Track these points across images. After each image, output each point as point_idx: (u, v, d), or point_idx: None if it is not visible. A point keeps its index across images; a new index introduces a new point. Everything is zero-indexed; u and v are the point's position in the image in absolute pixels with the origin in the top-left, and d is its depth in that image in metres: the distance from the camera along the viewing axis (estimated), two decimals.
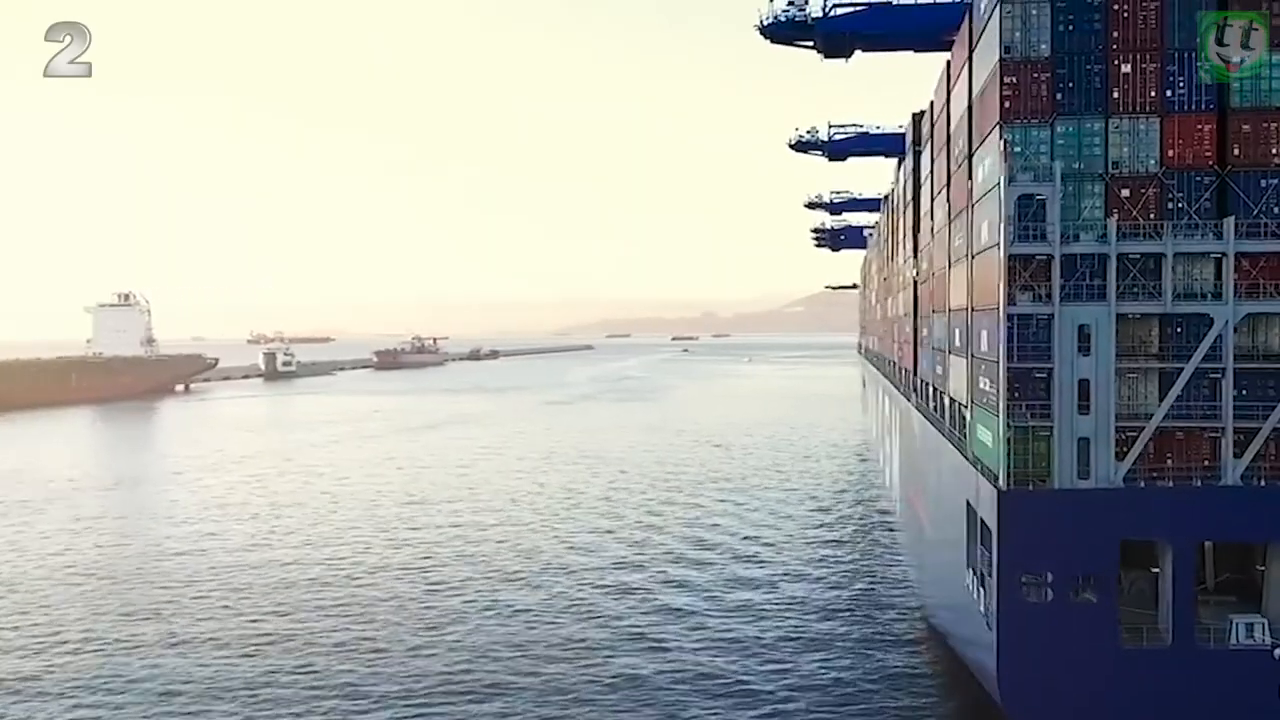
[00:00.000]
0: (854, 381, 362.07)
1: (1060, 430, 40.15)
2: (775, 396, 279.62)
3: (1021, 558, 40.26)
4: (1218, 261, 40.13)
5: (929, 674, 54.40)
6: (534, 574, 79.81)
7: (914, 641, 59.73)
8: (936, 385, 64.67)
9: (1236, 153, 40.24)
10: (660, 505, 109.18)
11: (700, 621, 67.46)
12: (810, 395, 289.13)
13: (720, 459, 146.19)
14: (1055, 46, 40.89)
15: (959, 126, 53.49)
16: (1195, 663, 39.31)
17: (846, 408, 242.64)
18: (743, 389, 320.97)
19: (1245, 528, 39.95)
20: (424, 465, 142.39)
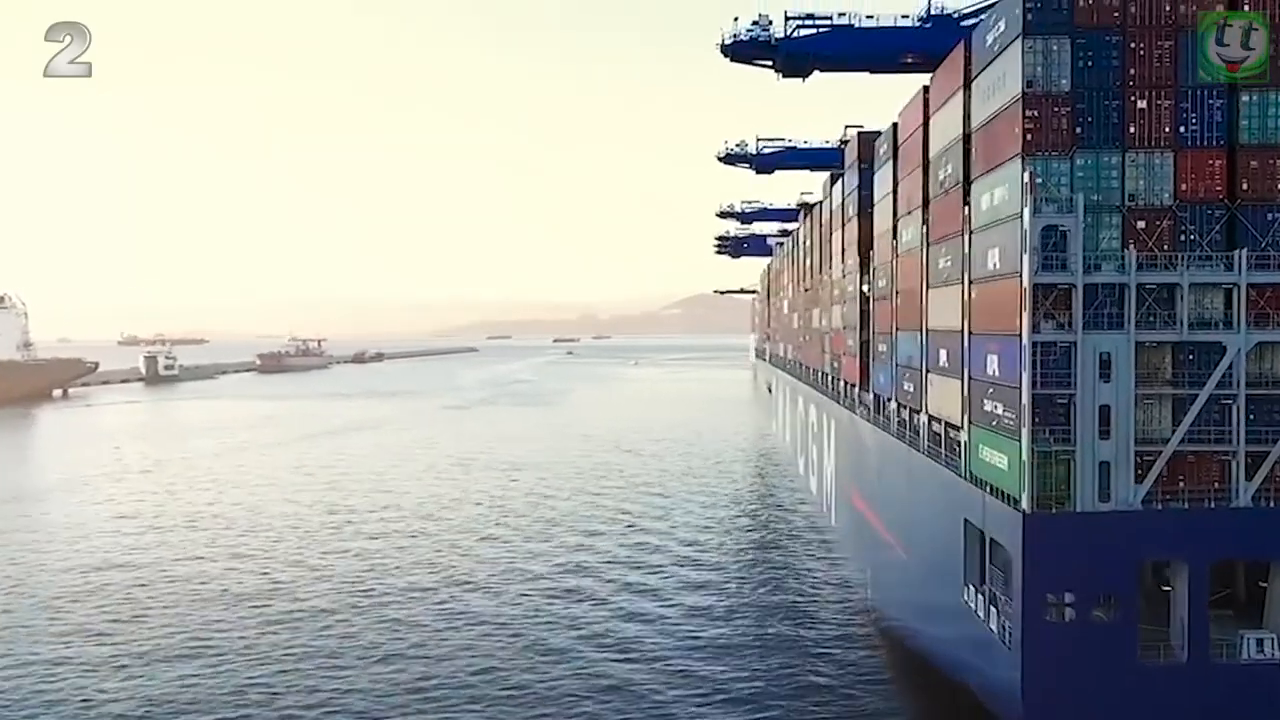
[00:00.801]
0: (745, 384, 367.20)
1: (1082, 454, 41.10)
2: (671, 400, 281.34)
3: (1046, 578, 41.09)
4: (1228, 291, 41.54)
5: (885, 670, 59.40)
6: (473, 584, 79.74)
7: (867, 639, 64.14)
8: (905, 402, 65.58)
9: (1245, 187, 41.73)
10: (588, 512, 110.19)
11: (653, 627, 69.76)
12: (705, 399, 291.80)
13: (637, 465, 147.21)
14: (1075, 81, 41.82)
15: (947, 152, 54.30)
16: (1210, 678, 40.64)
17: (743, 412, 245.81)
18: (637, 393, 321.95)
19: (1257, 547, 41.46)
20: (338, 474, 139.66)
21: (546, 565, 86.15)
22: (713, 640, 66.37)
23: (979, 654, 46.37)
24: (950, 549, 51.46)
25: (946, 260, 54.62)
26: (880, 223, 74.48)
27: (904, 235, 65.95)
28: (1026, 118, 41.89)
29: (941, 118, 55.90)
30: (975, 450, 48.94)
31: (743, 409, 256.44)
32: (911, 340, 63.09)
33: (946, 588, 51.72)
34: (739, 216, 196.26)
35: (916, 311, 61.57)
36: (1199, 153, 41.85)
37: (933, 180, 58.06)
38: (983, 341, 47.45)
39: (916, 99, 62.70)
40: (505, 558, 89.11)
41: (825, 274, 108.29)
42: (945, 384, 55.06)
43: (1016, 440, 42.43)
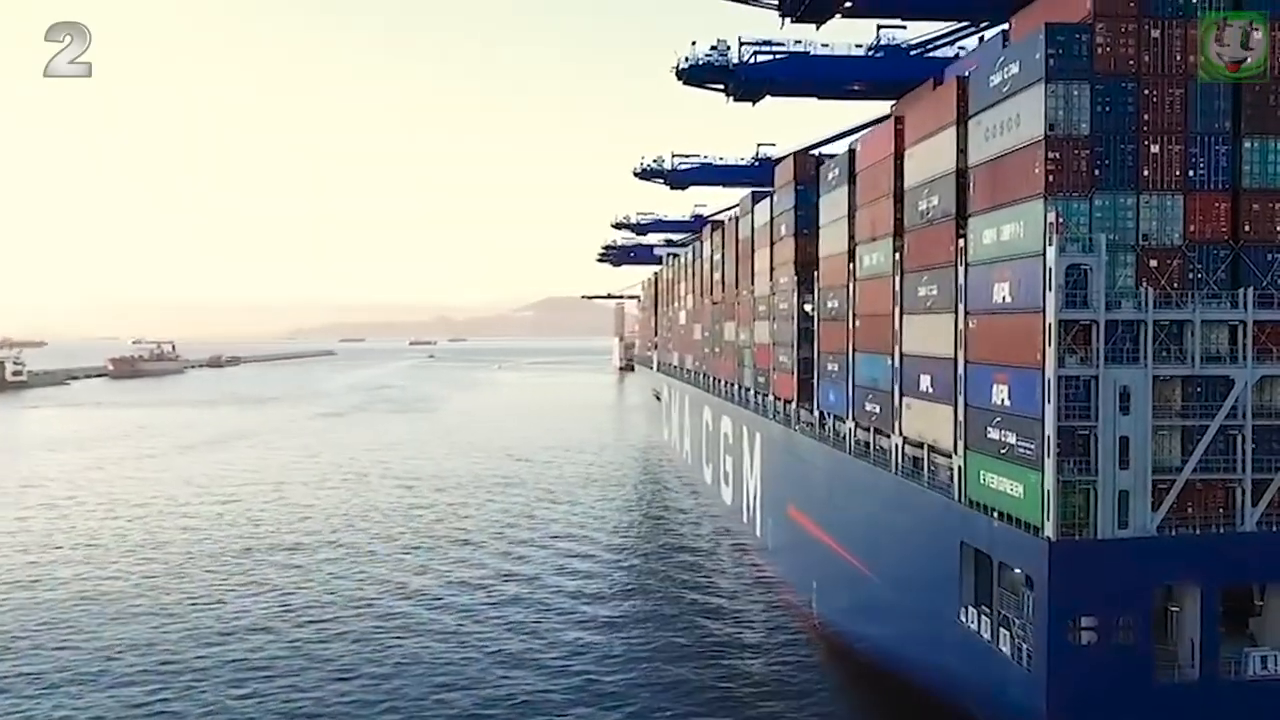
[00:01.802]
0: (613, 389, 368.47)
1: (1103, 484, 42.44)
2: (548, 406, 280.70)
3: (1070, 603, 42.33)
4: (1233, 328, 43.47)
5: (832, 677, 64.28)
6: (401, 602, 79.07)
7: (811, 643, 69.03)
8: (867, 423, 66.67)
9: (1248, 229, 43.77)
10: (502, 527, 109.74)
11: (605, 634, 71.91)
12: (580, 404, 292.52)
13: (536, 474, 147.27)
14: (1094, 126, 43.17)
15: (932, 184, 55.37)
16: (1220, 695, 42.54)
17: (623, 417, 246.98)
18: (512, 398, 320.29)
19: (1263, 570, 43.51)
20: (232, 489, 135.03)
21: (475, 580, 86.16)
22: (656, 643, 70.12)
23: (987, 675, 47.40)
24: (941, 570, 52.51)
25: (930, 289, 55.69)
26: (830, 246, 75.48)
27: (866, 260, 66.98)
28: (1049, 159, 43.03)
29: (923, 150, 56.96)
30: (975, 475, 50.04)
31: (622, 414, 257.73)
32: (879, 363, 64.12)
33: (936, 608, 52.75)
34: (633, 227, 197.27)
35: (886, 336, 62.60)
36: (1206, 195, 43.72)
37: (909, 210, 59.09)
38: (987, 371, 48.51)
39: (884, 129, 63.79)
40: (428, 574, 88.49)
41: (745, 289, 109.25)
42: (929, 409, 56.13)
43: (1037, 470, 43.56)
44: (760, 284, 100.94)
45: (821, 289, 77.91)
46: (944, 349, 53.94)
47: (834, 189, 74.69)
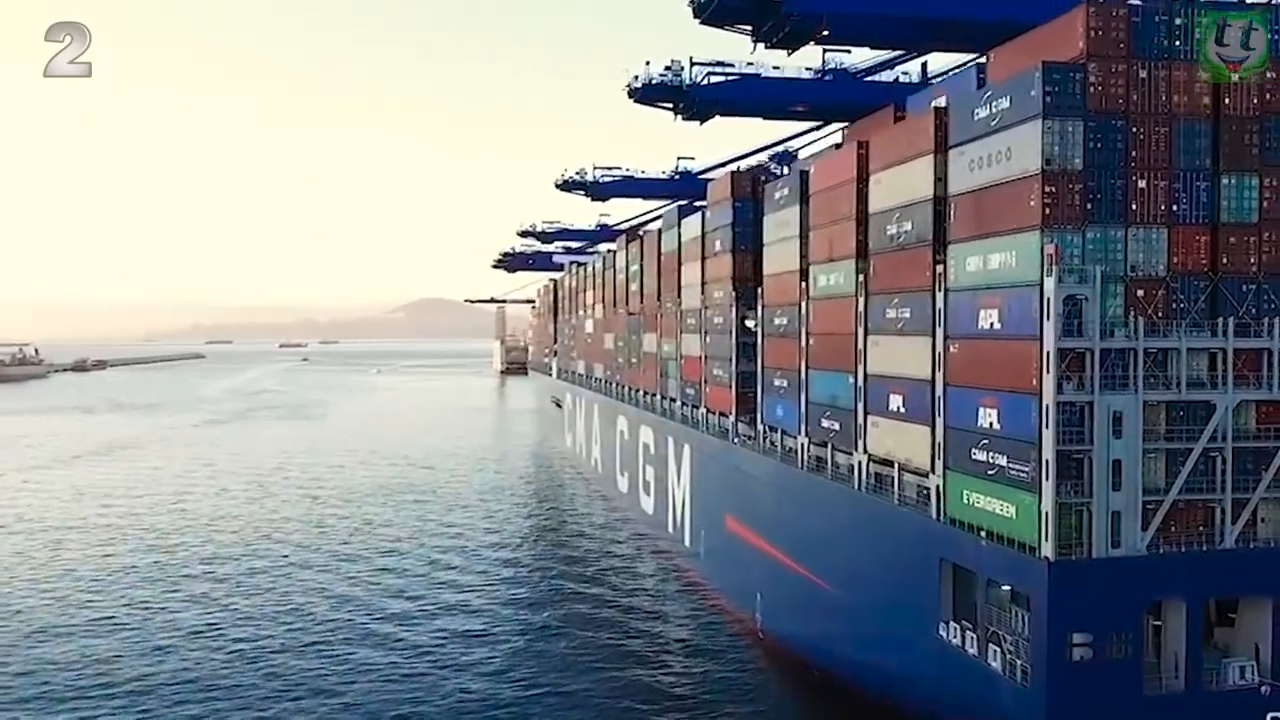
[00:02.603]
0: (497, 393, 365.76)
1: (1097, 505, 43.86)
2: (437, 411, 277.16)
3: (1068, 620, 43.61)
4: (1212, 355, 45.34)
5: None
6: (327, 614, 78.93)
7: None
8: (824, 439, 67.53)
9: (1225, 261, 45.74)
10: (422, 538, 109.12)
11: (546, 641, 73.88)
12: (469, 409, 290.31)
13: (442, 483, 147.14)
14: (1086, 161, 44.57)
15: (904, 210, 56.38)
16: (1205, 704, 44.42)
17: (516, 422, 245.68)
18: (398, 403, 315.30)
19: (1242, 584, 45.49)
20: (132, 500, 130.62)
21: (403, 595, 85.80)
22: (610, 643, 73.52)
23: (975, 687, 48.47)
24: (919, 585, 53.54)
25: (902, 312, 56.71)
26: (777, 264, 76.27)
27: (822, 280, 67.86)
28: (1046, 193, 44.24)
29: (893, 177, 57.94)
30: (956, 495, 51.15)
31: (515, 419, 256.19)
32: (839, 381, 64.98)
33: (913, 622, 53.71)
34: (539, 235, 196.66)
35: (848, 354, 63.52)
36: (1188, 229, 45.54)
37: (876, 234, 60.08)
38: (972, 394, 49.61)
39: (844, 154, 64.73)
40: (350, 587, 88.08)
41: (669, 301, 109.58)
42: (900, 428, 57.12)
43: (1032, 491, 44.77)
44: (689, 297, 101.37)
45: (767, 306, 78.59)
46: (918, 370, 54.95)
47: (782, 208, 75.47)
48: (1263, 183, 45.97)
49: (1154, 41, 45.25)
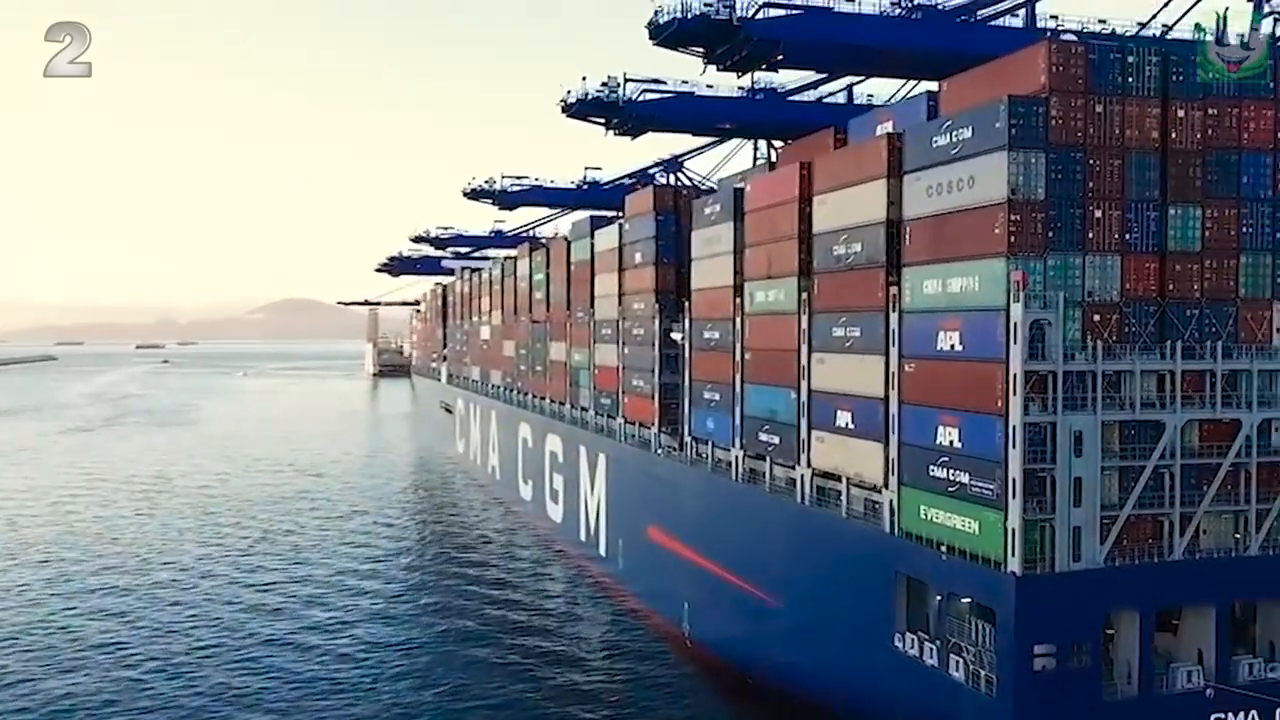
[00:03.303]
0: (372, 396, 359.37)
1: (1060, 521, 45.44)
2: (313, 416, 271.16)
3: (1034, 632, 45.10)
4: (1160, 376, 47.40)
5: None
6: (230, 628, 78.18)
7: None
8: (761, 452, 68.30)
9: (1172, 287, 47.89)
10: (328, 549, 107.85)
11: (467, 647, 74.82)
12: (346, 413, 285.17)
13: (335, 492, 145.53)
14: (1048, 191, 46.15)
15: (853, 232, 57.44)
16: (1157, 708, 46.48)
17: (393, 427, 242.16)
18: (272, 408, 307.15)
19: (1189, 593, 47.63)
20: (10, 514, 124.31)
21: (316, 608, 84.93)
22: (537, 647, 75.27)
23: (935, 697, 49.67)
24: (874, 598, 54.63)
25: (851, 330, 57.77)
26: (707, 279, 76.88)
27: (759, 297, 68.65)
28: (1011, 221, 45.64)
29: (840, 199, 58.94)
30: (912, 509, 52.35)
31: (395, 424, 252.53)
32: (779, 396, 65.81)
33: (867, 633, 54.75)
34: (433, 241, 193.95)
35: (789, 370, 64.40)
36: (1139, 257, 47.56)
37: (820, 254, 61.05)
38: (930, 413, 50.83)
39: (785, 174, 65.47)
40: (274, 600, 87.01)
41: (580, 311, 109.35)
42: (849, 443, 58.14)
43: (996, 508, 46.14)
44: (604, 308, 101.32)
45: (696, 320, 79.05)
46: (869, 388, 56.03)
47: (713, 224, 76.05)
48: (1205, 214, 48.27)
49: (1109, 78, 47.11)
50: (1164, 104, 47.77)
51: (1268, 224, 49.05)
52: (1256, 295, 49.07)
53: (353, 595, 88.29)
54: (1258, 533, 48.32)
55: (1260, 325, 48.99)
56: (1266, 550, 48.45)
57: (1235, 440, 47.60)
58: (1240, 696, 46.99)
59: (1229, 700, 46.96)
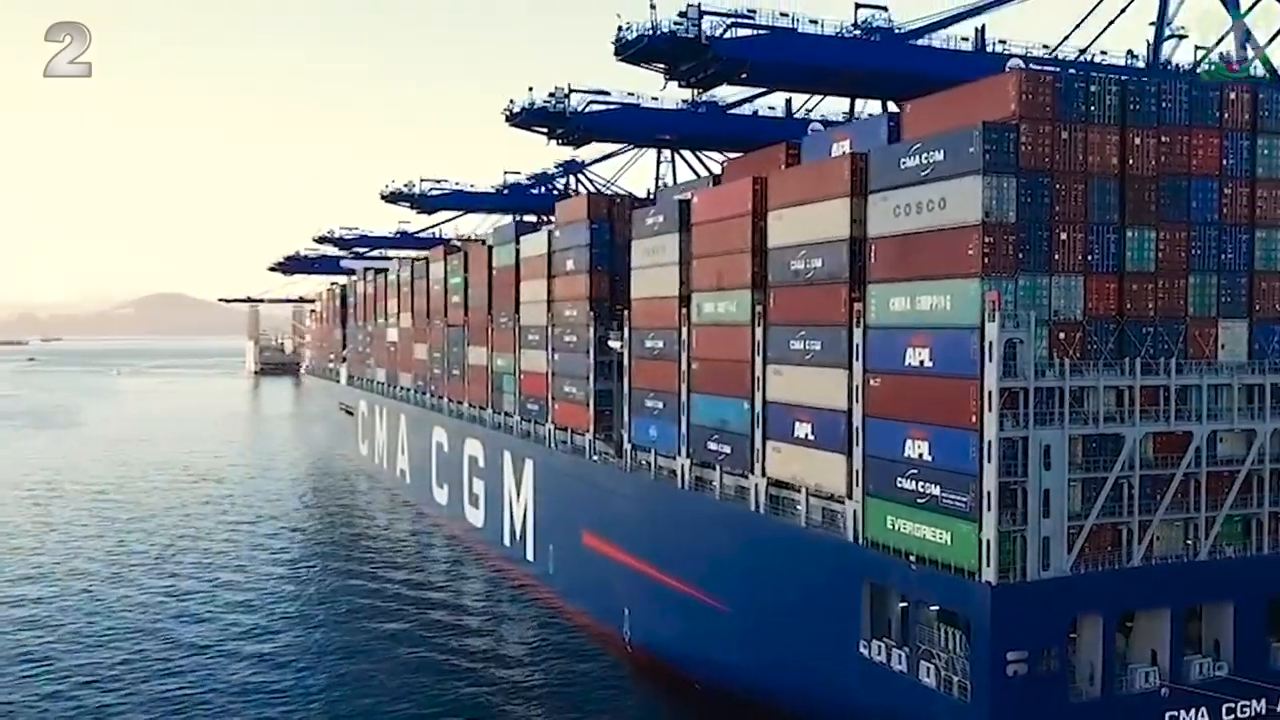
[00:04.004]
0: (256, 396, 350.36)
1: (1031, 532, 46.91)
2: (205, 417, 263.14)
3: (1008, 639, 46.48)
4: (1119, 391, 49.26)
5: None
6: (138, 643, 76.33)
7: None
8: (710, 461, 68.82)
9: (1130, 306, 49.81)
10: (243, 551, 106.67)
11: (403, 648, 75.27)
12: (241, 415, 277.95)
13: (240, 496, 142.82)
14: (1019, 214, 47.54)
15: (814, 248, 58.26)
16: (1119, 707, 48.39)
17: (293, 428, 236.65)
18: (156, 408, 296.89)
19: (1148, 598, 49.60)
20: None
21: (232, 620, 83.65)
22: (475, 649, 76.52)
23: (906, 702, 50.82)
24: (838, 606, 55.59)
25: (811, 344, 58.62)
26: (649, 289, 77.09)
27: (708, 308, 69.14)
28: (985, 243, 46.88)
29: (800, 215, 59.69)
30: (879, 520, 53.40)
31: (289, 424, 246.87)
32: (730, 406, 66.40)
33: (832, 641, 55.65)
34: (337, 241, 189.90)
35: (740, 381, 65.05)
36: (1100, 277, 49.33)
37: (776, 267, 61.78)
38: (897, 427, 51.91)
39: (739, 188, 65.91)
40: (196, 607, 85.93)
41: (503, 316, 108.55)
42: (808, 454, 58.97)
43: (969, 520, 47.41)
44: (530, 314, 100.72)
45: (636, 329, 79.15)
46: (831, 401, 56.95)
47: (656, 235, 76.19)
48: (1158, 236, 50.30)
49: (1074, 106, 48.75)
50: (1123, 132, 49.60)
51: (1214, 246, 51.38)
52: (1204, 314, 51.36)
53: (277, 601, 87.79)
54: (1206, 538, 50.53)
55: (1207, 342, 51.28)
56: (1214, 555, 50.72)
57: (1187, 451, 49.70)
58: (1193, 695, 49.17)
59: (1183, 699, 49.11)
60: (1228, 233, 51.64)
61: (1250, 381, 51.14)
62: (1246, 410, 50.97)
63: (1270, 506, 51.81)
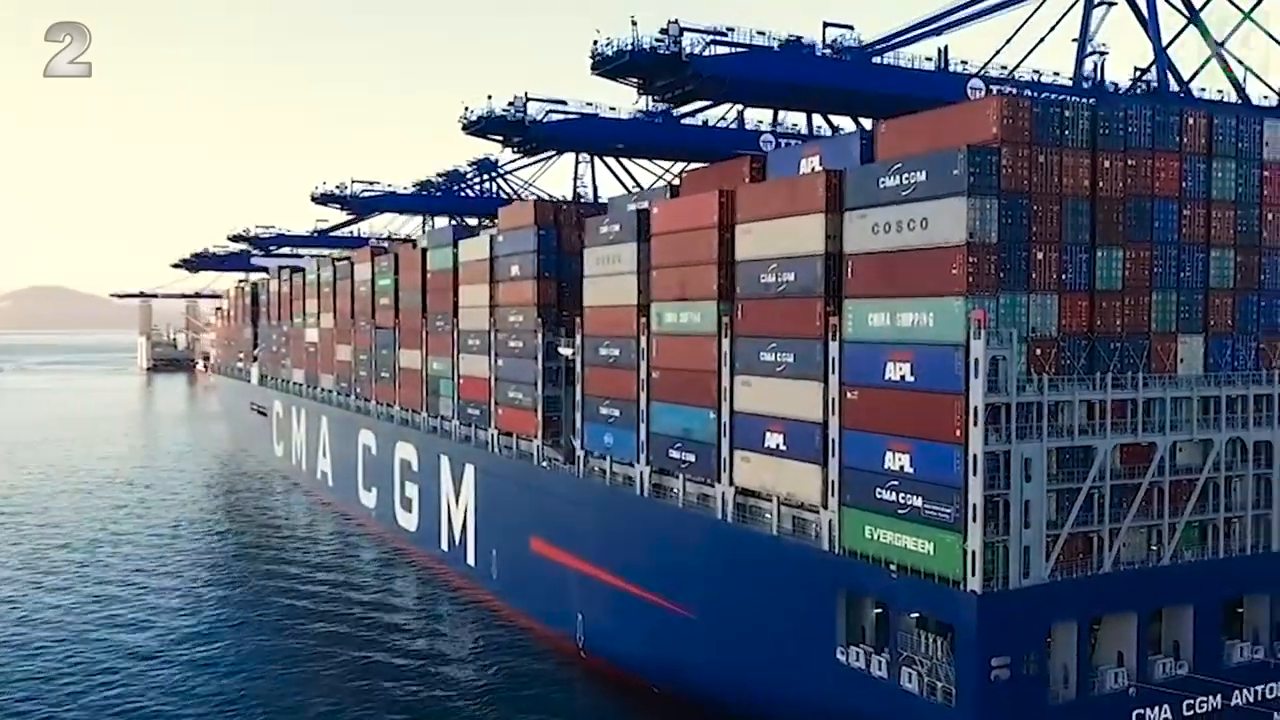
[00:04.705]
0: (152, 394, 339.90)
1: (1013, 542, 48.22)
2: (99, 416, 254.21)
3: (993, 645, 47.74)
4: (1090, 405, 50.87)
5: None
6: (52, 655, 74.82)
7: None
8: (672, 469, 69.15)
9: (1099, 323, 51.47)
10: (170, 560, 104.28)
11: (350, 648, 75.32)
12: (135, 413, 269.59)
13: (161, 501, 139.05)
14: (1000, 235, 48.74)
15: (786, 262, 58.87)
16: (1091, 707, 50.12)
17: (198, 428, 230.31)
18: (49, 408, 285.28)
19: (1117, 602, 51.34)
20: None
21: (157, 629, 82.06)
22: (428, 651, 77.24)
23: (888, 708, 51.79)
24: (813, 613, 56.38)
25: (784, 356, 59.25)
26: (604, 297, 77.04)
27: (669, 317, 69.36)
28: (970, 263, 47.96)
29: (770, 229, 60.21)
30: (856, 529, 54.29)
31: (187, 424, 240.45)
32: (694, 415, 66.76)
33: (808, 648, 56.40)
34: (252, 240, 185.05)
35: (705, 391, 65.47)
36: (1073, 295, 50.86)
37: (745, 280, 62.27)
38: (876, 439, 52.81)
39: (704, 200, 66.15)
40: (128, 615, 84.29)
41: (439, 320, 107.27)
42: (780, 464, 59.62)
43: (953, 530, 48.54)
44: (471, 318, 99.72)
45: (589, 336, 78.93)
46: (804, 412, 57.68)
47: (611, 244, 76.12)
48: (1125, 255, 52.04)
49: (1049, 131, 50.14)
50: (1093, 155, 51.18)
51: (1174, 265, 53.34)
52: (1165, 329, 53.34)
53: (207, 606, 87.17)
54: (1169, 544, 52.53)
55: (1168, 356, 53.29)
56: (1175, 560, 52.75)
57: (1152, 461, 51.57)
58: (1157, 693, 51.15)
59: (1148, 697, 51.04)
60: (1186, 252, 53.67)
61: (1206, 393, 53.26)
62: (1203, 421, 53.00)
63: (1224, 512, 53.98)
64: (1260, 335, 55.62)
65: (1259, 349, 55.56)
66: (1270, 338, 55.86)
